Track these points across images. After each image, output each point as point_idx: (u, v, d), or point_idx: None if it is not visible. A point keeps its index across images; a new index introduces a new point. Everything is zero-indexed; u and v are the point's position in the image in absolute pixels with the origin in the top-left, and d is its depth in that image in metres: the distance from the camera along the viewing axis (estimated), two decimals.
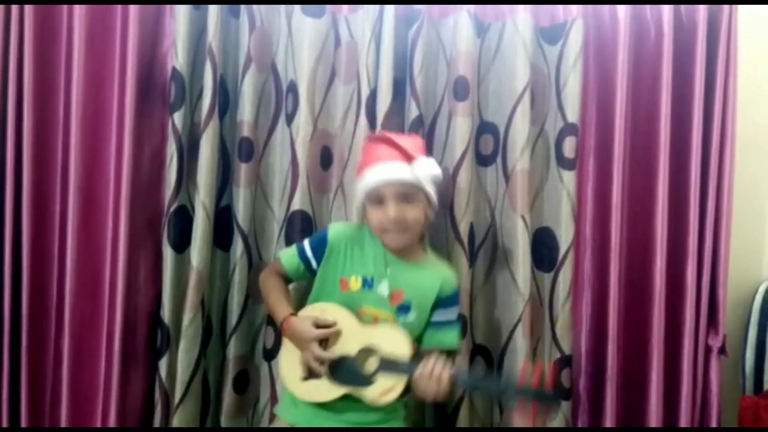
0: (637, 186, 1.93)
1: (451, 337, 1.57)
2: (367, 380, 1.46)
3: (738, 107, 1.96)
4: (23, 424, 1.78)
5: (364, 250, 1.57)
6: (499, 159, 1.90)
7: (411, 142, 1.57)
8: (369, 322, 1.53)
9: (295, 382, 1.54)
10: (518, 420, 1.48)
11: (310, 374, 1.52)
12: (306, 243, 1.62)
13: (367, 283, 1.54)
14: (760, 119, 2.18)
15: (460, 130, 1.82)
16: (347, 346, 1.50)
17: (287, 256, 1.63)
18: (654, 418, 1.90)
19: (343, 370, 1.49)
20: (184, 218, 1.80)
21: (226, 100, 1.84)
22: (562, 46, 1.87)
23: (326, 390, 1.50)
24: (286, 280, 1.66)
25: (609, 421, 1.89)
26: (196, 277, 1.75)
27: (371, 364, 1.47)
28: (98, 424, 1.78)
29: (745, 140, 2.04)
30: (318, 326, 1.51)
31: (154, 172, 1.82)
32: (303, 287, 1.73)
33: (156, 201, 1.82)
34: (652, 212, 1.90)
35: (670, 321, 1.93)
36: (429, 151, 1.89)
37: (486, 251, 1.92)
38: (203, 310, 1.79)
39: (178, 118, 1.76)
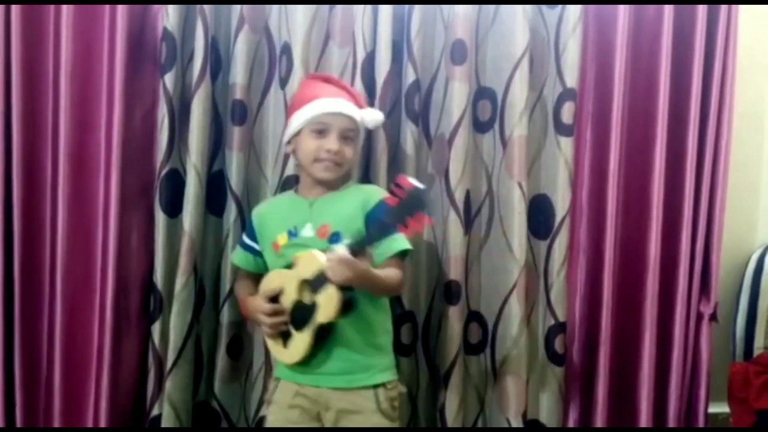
0: (634, 153, 1.92)
1: (397, 242, 1.52)
2: (312, 309, 1.47)
3: (737, 76, 1.94)
4: (17, 388, 1.78)
5: (282, 208, 1.63)
6: (496, 125, 1.88)
7: (357, 92, 1.68)
8: None
9: (282, 353, 1.56)
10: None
11: (285, 339, 1.53)
12: (244, 236, 1.69)
13: (292, 234, 1.57)
14: (757, 89, 2.17)
15: (458, 96, 1.79)
16: (290, 295, 1.51)
17: (238, 256, 1.70)
18: (645, 384, 1.92)
19: (297, 317, 1.50)
20: (176, 182, 1.78)
21: (218, 62, 1.81)
22: (562, 9, 1.83)
23: (299, 342, 1.50)
24: (257, 277, 1.65)
25: (601, 387, 1.90)
26: (189, 242, 1.74)
27: (308, 295, 1.48)
28: (92, 389, 1.78)
29: (743, 110, 2.03)
30: (269, 298, 1.53)
31: (146, 135, 1.79)
32: None
33: (148, 164, 1.79)
34: (649, 180, 1.90)
35: (663, 288, 1.94)
36: (426, 117, 1.88)
37: (482, 218, 1.91)
38: (196, 275, 1.78)
39: (169, 79, 1.73)
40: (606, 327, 1.90)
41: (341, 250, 1.40)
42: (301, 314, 1.49)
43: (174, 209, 1.77)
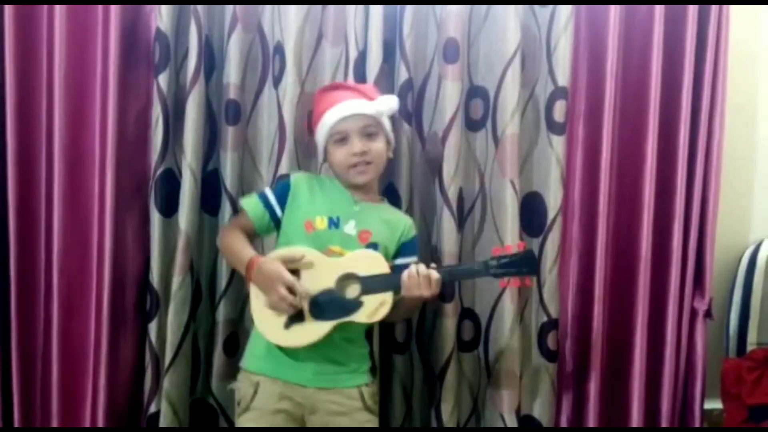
0: (625, 151, 1.93)
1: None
2: (354, 306, 1.46)
3: (728, 72, 1.95)
4: (14, 386, 1.79)
5: (328, 192, 1.59)
6: (488, 123, 1.88)
7: (366, 86, 1.67)
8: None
9: (277, 331, 1.49)
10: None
11: (292, 320, 1.47)
12: (268, 191, 1.62)
13: (333, 223, 1.55)
14: (749, 84, 2.17)
15: (450, 94, 1.80)
16: (322, 281, 1.48)
17: (251, 204, 1.60)
18: (637, 380, 1.93)
19: (324, 305, 1.46)
20: (171, 182, 1.79)
21: (211, 62, 1.82)
22: (553, 8, 1.84)
23: (313, 329, 1.47)
24: (249, 236, 1.60)
25: (594, 384, 1.92)
26: (185, 241, 1.75)
27: (353, 290, 1.47)
28: (89, 388, 1.79)
29: (734, 106, 2.03)
30: (290, 269, 1.46)
31: (140, 135, 1.80)
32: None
33: (142, 164, 1.80)
34: (641, 177, 1.90)
35: (655, 285, 1.94)
36: (419, 115, 1.88)
37: (475, 216, 1.92)
38: (192, 274, 1.79)
39: (163, 79, 1.74)
40: (598, 324, 1.92)
41: (435, 273, 1.44)
42: (330, 305, 1.46)
43: (169, 209, 1.78)
